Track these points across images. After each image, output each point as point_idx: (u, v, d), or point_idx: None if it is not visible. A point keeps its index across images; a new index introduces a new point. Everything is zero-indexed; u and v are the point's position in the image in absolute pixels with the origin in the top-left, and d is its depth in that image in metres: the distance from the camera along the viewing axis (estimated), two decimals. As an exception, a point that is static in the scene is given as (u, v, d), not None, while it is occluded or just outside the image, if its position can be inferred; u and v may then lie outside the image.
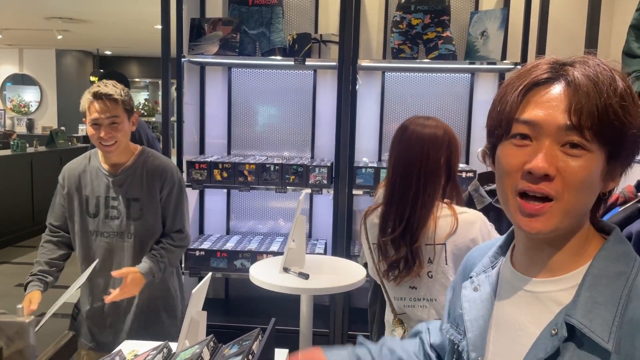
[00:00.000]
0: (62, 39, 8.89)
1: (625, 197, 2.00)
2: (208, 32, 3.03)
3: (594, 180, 0.72)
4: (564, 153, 0.70)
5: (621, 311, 0.68)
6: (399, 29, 2.95)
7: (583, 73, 0.71)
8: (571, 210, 0.72)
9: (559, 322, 0.71)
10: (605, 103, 0.69)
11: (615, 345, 0.67)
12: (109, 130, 2.00)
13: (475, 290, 0.86)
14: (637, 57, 2.14)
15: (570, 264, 0.76)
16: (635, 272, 0.71)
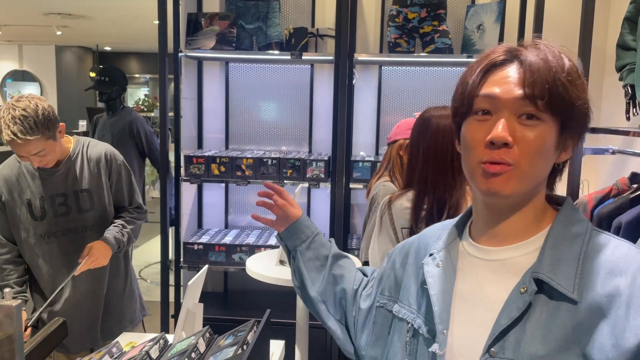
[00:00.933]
0: (62, 35, 8.88)
1: (618, 189, 2.01)
2: (205, 26, 3.04)
3: (548, 149, 0.80)
4: (520, 124, 0.79)
5: (581, 266, 0.78)
6: (395, 22, 2.96)
7: (534, 54, 0.80)
8: (528, 175, 0.80)
9: (527, 280, 0.79)
10: (554, 77, 0.78)
11: (579, 294, 0.76)
12: (38, 160, 1.89)
13: (438, 266, 0.92)
14: (631, 50, 2.15)
15: (529, 231, 0.84)
16: (589, 234, 0.81)
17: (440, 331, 0.87)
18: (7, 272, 2.02)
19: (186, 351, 1.32)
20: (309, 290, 1.20)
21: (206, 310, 1.67)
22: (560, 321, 0.76)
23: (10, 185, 2.01)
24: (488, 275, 0.85)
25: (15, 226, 2.02)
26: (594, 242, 0.80)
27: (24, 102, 1.83)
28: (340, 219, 2.95)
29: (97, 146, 2.12)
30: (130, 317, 2.23)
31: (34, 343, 1.08)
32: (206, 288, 3.51)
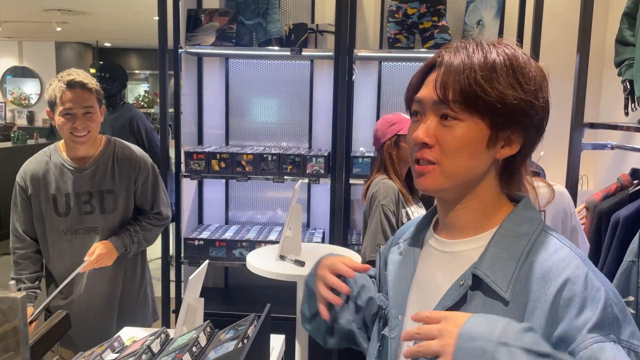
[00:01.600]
0: (61, 31, 8.88)
1: (621, 185, 2.03)
2: (205, 22, 3.04)
3: (470, 147, 0.81)
4: (440, 124, 0.82)
5: (520, 266, 0.79)
6: (395, 18, 2.96)
7: (454, 54, 0.82)
8: (452, 172, 0.83)
9: (467, 275, 0.82)
10: (469, 77, 0.79)
11: (511, 295, 0.78)
12: (83, 120, 1.93)
13: (401, 255, 0.97)
14: (630, 45, 2.15)
15: (480, 227, 0.86)
16: (537, 234, 0.82)
17: (394, 315, 0.93)
18: (22, 267, 2.04)
19: (187, 345, 1.34)
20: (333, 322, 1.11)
21: (207, 305, 1.68)
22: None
23: (37, 179, 2.03)
24: (441, 265, 0.89)
25: (38, 220, 2.04)
26: (538, 243, 0.81)
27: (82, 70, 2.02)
28: (340, 215, 2.96)
29: (127, 148, 2.11)
30: (142, 321, 2.23)
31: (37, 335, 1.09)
32: (207, 283, 3.53)
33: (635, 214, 1.73)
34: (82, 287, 2.09)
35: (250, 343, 1.12)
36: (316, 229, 3.37)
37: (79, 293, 2.09)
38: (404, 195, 2.29)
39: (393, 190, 2.24)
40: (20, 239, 2.06)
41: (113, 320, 2.13)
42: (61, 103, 1.92)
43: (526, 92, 0.80)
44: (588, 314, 0.72)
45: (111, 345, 1.54)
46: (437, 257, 0.90)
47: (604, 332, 0.71)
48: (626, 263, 1.59)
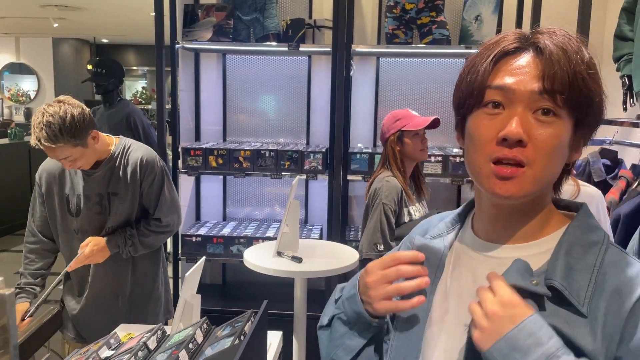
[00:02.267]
0: (59, 27, 8.84)
1: (627, 181, 2.03)
2: (202, 18, 3.02)
3: (563, 148, 0.74)
4: (536, 120, 0.72)
5: (595, 278, 0.72)
6: (392, 13, 2.95)
7: (552, 42, 0.73)
8: (542, 176, 0.73)
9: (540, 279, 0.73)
10: (575, 70, 0.71)
11: (588, 309, 0.70)
12: (68, 164, 1.93)
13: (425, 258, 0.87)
14: (628, 40, 2.15)
15: (534, 234, 0.78)
16: (606, 243, 0.75)
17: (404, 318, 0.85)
18: (29, 261, 2.09)
19: (184, 342, 1.33)
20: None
21: (204, 302, 1.67)
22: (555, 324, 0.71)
23: (52, 178, 2.06)
24: (484, 271, 0.77)
25: (52, 218, 2.09)
26: (610, 256, 0.74)
27: (54, 108, 1.84)
28: (338, 211, 2.95)
29: (137, 150, 2.09)
30: (153, 320, 2.21)
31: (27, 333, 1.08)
32: (205, 280, 3.52)
33: (635, 211, 1.72)
34: (90, 284, 2.10)
35: (247, 340, 1.11)
36: (314, 225, 3.36)
37: (88, 290, 2.11)
38: (407, 194, 2.29)
39: (396, 190, 2.24)
40: (32, 233, 2.12)
41: (122, 318, 2.13)
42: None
43: (603, 92, 0.74)
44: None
45: (107, 342, 1.53)
46: (480, 262, 0.81)
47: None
48: (626, 260, 1.58)
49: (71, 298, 2.15)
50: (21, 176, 6.57)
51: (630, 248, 1.58)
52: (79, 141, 1.87)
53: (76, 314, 2.14)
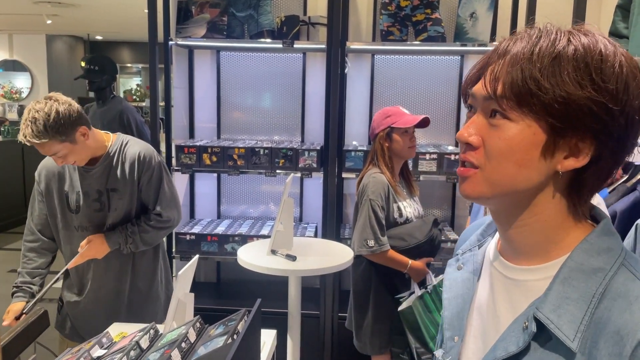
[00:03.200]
0: (52, 24, 8.78)
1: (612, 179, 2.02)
2: (195, 14, 3.00)
3: (518, 153, 0.68)
4: (489, 123, 0.70)
5: (592, 310, 0.65)
6: (387, 10, 2.94)
7: (519, 43, 0.69)
8: (495, 180, 0.70)
9: (530, 316, 0.68)
10: (524, 69, 0.66)
11: (579, 345, 0.64)
12: (59, 160, 1.94)
13: (459, 269, 0.84)
14: (623, 38, 2.14)
15: (546, 253, 0.72)
16: (615, 270, 0.67)
17: (448, 337, 0.82)
18: (27, 260, 2.09)
19: (176, 341, 1.32)
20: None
21: (199, 300, 1.66)
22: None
23: (51, 175, 2.06)
24: (501, 292, 0.75)
25: (52, 215, 2.09)
26: (616, 283, 0.66)
27: (40, 104, 1.86)
28: (333, 209, 2.94)
29: (134, 146, 2.09)
30: (151, 320, 2.20)
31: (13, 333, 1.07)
32: (199, 278, 3.51)
33: (631, 208, 1.72)
34: (89, 282, 2.10)
35: (240, 338, 1.10)
36: (309, 223, 3.35)
37: (87, 288, 2.11)
38: (395, 190, 2.28)
39: (382, 185, 2.23)
40: (31, 231, 2.12)
41: (121, 316, 2.12)
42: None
43: (600, 92, 0.64)
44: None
45: (99, 341, 1.52)
46: (499, 280, 0.77)
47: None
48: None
49: (71, 295, 2.15)
50: (14, 174, 6.54)
51: (625, 244, 1.58)
52: (64, 137, 1.87)
53: (76, 312, 2.14)
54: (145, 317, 2.15)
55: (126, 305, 2.15)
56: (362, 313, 2.35)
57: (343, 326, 2.61)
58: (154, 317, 2.20)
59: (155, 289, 2.22)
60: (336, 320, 3.00)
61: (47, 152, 1.90)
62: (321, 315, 2.99)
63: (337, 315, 3.00)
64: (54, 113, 1.84)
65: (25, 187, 6.69)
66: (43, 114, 1.83)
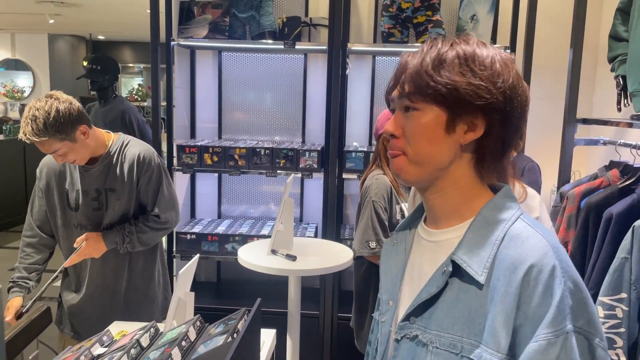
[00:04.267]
0: (54, 24, 8.80)
1: (609, 181, 2.03)
2: (197, 15, 3.02)
3: (428, 132, 0.86)
4: (403, 117, 0.89)
5: (495, 252, 0.82)
6: (389, 12, 2.95)
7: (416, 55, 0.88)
8: (418, 160, 0.88)
9: (447, 262, 0.86)
10: (420, 69, 0.85)
11: (486, 279, 0.81)
12: (59, 159, 1.95)
13: (393, 245, 1.02)
14: (623, 41, 2.15)
15: (461, 216, 0.89)
16: (513, 220, 0.85)
17: (385, 301, 0.98)
18: (25, 255, 2.11)
19: (176, 339, 1.33)
20: None
21: (199, 299, 1.67)
22: (465, 301, 0.82)
23: (52, 173, 2.07)
24: (428, 254, 0.92)
25: (51, 212, 2.10)
26: (513, 230, 0.83)
27: (41, 103, 1.87)
28: (333, 210, 2.95)
29: (135, 146, 2.08)
30: (148, 319, 2.20)
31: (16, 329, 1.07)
32: (199, 278, 3.52)
33: (628, 211, 1.73)
34: (86, 280, 2.11)
35: (240, 337, 1.11)
36: (309, 223, 3.36)
37: (84, 286, 2.12)
38: (397, 191, 2.29)
39: (385, 187, 2.23)
40: (30, 227, 2.14)
41: (118, 315, 2.13)
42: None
43: (478, 78, 0.83)
44: (545, 308, 0.75)
45: (100, 340, 1.53)
46: (424, 246, 0.94)
47: (557, 328, 0.74)
48: (619, 260, 1.59)
49: (68, 293, 2.15)
50: (16, 173, 6.55)
51: (622, 247, 1.59)
52: (64, 136, 1.89)
53: (73, 310, 2.14)
54: (142, 317, 2.15)
55: (122, 304, 2.15)
56: (363, 313, 2.36)
57: (343, 326, 2.62)
58: (150, 317, 2.19)
59: (152, 289, 2.23)
60: (335, 320, 3.01)
61: (47, 150, 1.91)
62: (320, 316, 2.99)
63: (336, 316, 3.01)
64: (54, 112, 1.85)
65: (27, 186, 6.70)
66: (43, 112, 1.84)
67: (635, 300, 1.57)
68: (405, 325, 0.90)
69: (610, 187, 1.86)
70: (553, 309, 0.75)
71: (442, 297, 0.85)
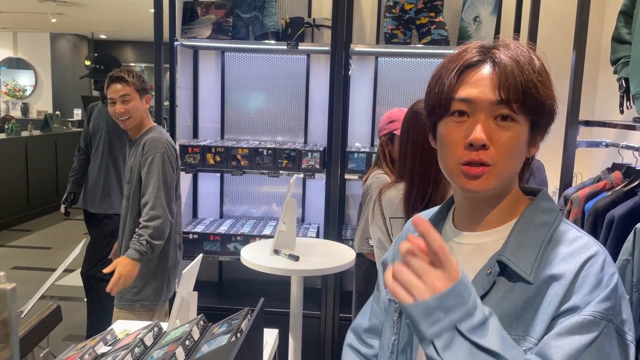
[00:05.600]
0: (57, 23, 8.82)
1: (612, 184, 2.03)
2: (201, 15, 3.02)
3: (521, 147, 0.85)
4: (496, 125, 0.83)
5: (542, 252, 0.83)
6: (392, 13, 2.95)
7: (506, 54, 0.83)
8: (504, 173, 0.84)
9: (492, 263, 0.84)
10: (527, 79, 0.81)
11: (534, 277, 0.81)
12: (120, 105, 2.32)
13: None
14: (626, 43, 2.15)
15: (502, 220, 0.89)
16: (557, 223, 0.86)
17: None
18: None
19: (180, 338, 1.33)
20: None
21: (201, 299, 1.67)
22: (512, 301, 0.82)
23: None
24: (461, 257, 0.89)
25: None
26: (560, 232, 0.85)
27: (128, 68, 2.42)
28: (335, 210, 2.96)
29: (156, 133, 2.38)
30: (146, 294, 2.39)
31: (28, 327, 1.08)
32: (201, 277, 3.51)
33: (630, 212, 1.73)
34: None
35: (244, 337, 1.11)
36: (311, 223, 3.37)
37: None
38: None
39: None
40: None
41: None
42: (107, 94, 2.36)
43: (554, 94, 0.85)
44: (594, 296, 0.77)
45: (104, 338, 1.54)
46: (456, 249, 0.91)
47: (604, 313, 0.77)
48: (621, 261, 1.59)
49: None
50: (18, 172, 6.55)
51: (625, 249, 1.59)
52: (138, 87, 2.35)
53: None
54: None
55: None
56: None
57: (344, 326, 2.62)
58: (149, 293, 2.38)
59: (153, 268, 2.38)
60: (337, 320, 3.01)
61: (120, 90, 2.32)
62: (322, 316, 3.00)
63: (338, 316, 3.01)
64: (137, 71, 2.42)
65: (29, 185, 6.71)
66: (134, 71, 2.39)
67: (636, 302, 1.58)
68: None
69: (616, 190, 1.86)
70: (603, 295, 0.77)
71: (486, 299, 0.84)
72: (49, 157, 7.10)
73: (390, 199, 1.84)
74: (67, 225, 6.40)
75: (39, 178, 6.83)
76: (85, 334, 3.31)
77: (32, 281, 4.26)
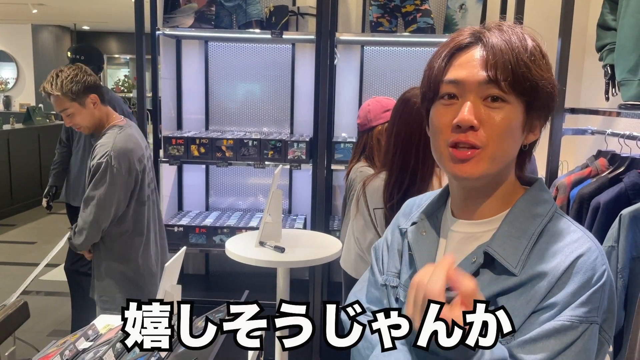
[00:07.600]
0: (38, 14, 8.65)
1: (597, 170, 2.03)
2: (183, 4, 2.97)
3: (514, 130, 0.80)
4: (486, 106, 0.79)
5: (531, 244, 0.81)
6: (377, 1, 2.92)
7: (497, 35, 0.81)
8: (496, 157, 0.80)
9: (478, 253, 0.83)
10: (517, 57, 0.78)
11: (521, 270, 0.79)
12: (67, 120, 2.19)
13: (422, 234, 0.94)
14: (611, 30, 2.14)
15: (497, 210, 0.86)
16: (550, 216, 0.83)
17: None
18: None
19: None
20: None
21: (187, 292, 1.65)
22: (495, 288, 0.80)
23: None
24: (456, 245, 0.89)
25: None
26: (553, 225, 0.82)
27: (70, 68, 2.16)
28: (322, 201, 2.93)
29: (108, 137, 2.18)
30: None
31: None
32: (187, 270, 3.50)
33: (615, 199, 1.73)
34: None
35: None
36: (298, 215, 3.35)
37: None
38: None
39: None
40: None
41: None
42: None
43: (552, 77, 0.81)
44: (581, 294, 0.76)
45: (85, 334, 1.51)
46: (452, 237, 0.90)
47: (585, 316, 0.75)
48: (606, 248, 1.59)
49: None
50: (0, 166, 6.45)
51: (609, 235, 1.59)
52: (74, 96, 2.12)
53: None
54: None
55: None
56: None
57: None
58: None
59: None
60: (324, 311, 3.00)
61: (58, 108, 2.13)
62: (310, 307, 2.98)
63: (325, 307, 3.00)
64: (72, 75, 2.11)
65: (11, 178, 6.60)
66: (64, 73, 2.12)
67: (621, 288, 1.58)
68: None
69: (601, 177, 1.86)
70: (586, 297, 0.75)
71: None
72: (32, 150, 6.99)
73: (374, 189, 1.82)
74: (51, 220, 6.32)
75: (22, 172, 6.73)
76: (70, 329, 3.27)
77: (16, 276, 4.20)
